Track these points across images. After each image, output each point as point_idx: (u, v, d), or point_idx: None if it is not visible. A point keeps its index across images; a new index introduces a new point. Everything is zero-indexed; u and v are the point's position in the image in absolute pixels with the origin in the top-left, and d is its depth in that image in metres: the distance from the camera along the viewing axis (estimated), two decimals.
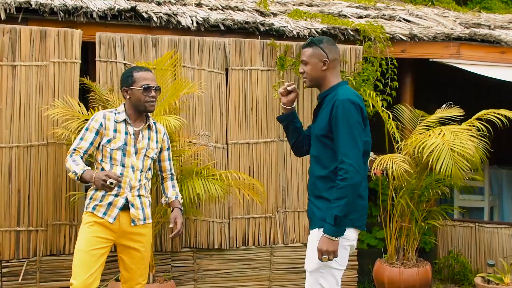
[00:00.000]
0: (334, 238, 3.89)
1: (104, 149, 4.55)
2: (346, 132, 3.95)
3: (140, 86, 4.55)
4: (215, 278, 6.63)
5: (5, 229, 5.92)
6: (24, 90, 5.96)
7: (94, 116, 4.60)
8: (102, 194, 4.50)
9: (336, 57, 4.20)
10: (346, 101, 3.99)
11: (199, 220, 6.49)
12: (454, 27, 8.30)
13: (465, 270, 7.47)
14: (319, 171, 4.12)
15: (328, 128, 4.05)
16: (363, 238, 7.46)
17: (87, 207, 4.56)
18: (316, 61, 4.14)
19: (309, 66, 4.17)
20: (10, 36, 5.91)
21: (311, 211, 4.18)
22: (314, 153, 4.19)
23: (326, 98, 4.16)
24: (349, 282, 6.98)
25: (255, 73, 6.69)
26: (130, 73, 4.63)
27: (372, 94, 6.77)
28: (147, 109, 4.60)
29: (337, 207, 3.87)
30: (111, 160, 4.53)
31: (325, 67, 4.14)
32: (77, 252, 4.49)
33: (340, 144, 3.95)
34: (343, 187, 3.88)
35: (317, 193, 4.12)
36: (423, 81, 8.61)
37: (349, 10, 8.76)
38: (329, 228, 3.89)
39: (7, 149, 5.91)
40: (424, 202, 6.89)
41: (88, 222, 4.53)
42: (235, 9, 7.71)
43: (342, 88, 4.16)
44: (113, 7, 6.43)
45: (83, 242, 4.50)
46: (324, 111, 4.12)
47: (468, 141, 6.24)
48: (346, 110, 3.98)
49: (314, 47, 4.15)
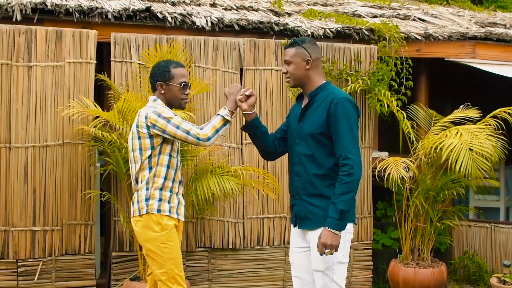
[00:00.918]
0: (337, 232, 3.95)
1: (174, 143, 4.48)
2: (347, 129, 4.04)
3: (180, 83, 4.48)
4: (230, 278, 6.64)
5: (21, 228, 5.95)
6: (40, 90, 5.99)
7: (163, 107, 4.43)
8: (169, 195, 4.44)
9: (318, 57, 4.26)
10: (345, 100, 4.10)
11: (214, 220, 6.50)
12: (470, 26, 8.26)
13: (481, 271, 7.43)
14: (315, 169, 4.14)
15: (325, 126, 4.09)
16: (378, 238, 7.44)
17: (161, 210, 4.41)
18: (299, 60, 4.18)
19: (292, 66, 4.20)
20: (26, 36, 5.94)
21: (308, 211, 4.16)
22: (306, 151, 4.17)
23: (317, 97, 4.19)
24: (364, 283, 6.97)
25: (270, 73, 6.68)
26: (167, 68, 4.51)
27: (387, 94, 6.75)
28: (182, 106, 4.55)
29: (343, 201, 3.95)
30: (177, 154, 4.51)
31: (308, 66, 4.19)
32: (176, 259, 4.42)
33: (343, 141, 4.02)
34: (349, 182, 3.97)
35: (315, 191, 4.14)
36: (438, 80, 8.58)
37: (364, 9, 8.74)
38: (334, 222, 3.95)
39: (23, 149, 5.94)
40: (440, 203, 6.86)
41: (171, 227, 4.43)
42: (250, 9, 7.71)
43: (333, 87, 4.26)
44: (128, 8, 6.45)
45: (178, 248, 4.46)
46: (317, 109, 4.15)
47: (486, 140, 6.22)
48: (346, 108, 4.07)
49: (297, 47, 4.19)
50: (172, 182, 4.47)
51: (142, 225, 4.43)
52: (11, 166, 5.92)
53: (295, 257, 4.35)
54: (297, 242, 4.33)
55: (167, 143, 4.44)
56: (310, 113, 4.19)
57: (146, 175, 4.43)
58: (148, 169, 4.43)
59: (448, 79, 8.79)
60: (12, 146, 5.92)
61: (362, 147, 6.93)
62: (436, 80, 8.42)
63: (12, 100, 5.92)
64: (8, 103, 5.91)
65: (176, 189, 4.50)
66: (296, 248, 4.34)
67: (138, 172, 4.47)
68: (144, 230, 4.42)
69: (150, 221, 4.39)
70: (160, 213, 4.40)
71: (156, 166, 4.42)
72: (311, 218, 4.15)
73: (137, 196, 4.46)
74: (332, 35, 7.02)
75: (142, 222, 4.43)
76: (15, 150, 5.92)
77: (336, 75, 6.79)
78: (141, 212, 4.42)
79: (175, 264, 4.40)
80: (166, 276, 4.38)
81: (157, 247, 4.38)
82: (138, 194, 4.45)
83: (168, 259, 4.37)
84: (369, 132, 7.00)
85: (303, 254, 4.29)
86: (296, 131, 4.25)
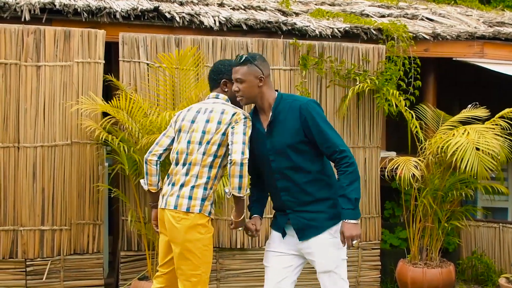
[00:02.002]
0: (357, 222, 3.97)
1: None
2: (328, 127, 4.06)
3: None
4: (238, 277, 6.64)
5: (30, 228, 5.97)
6: (48, 90, 6.01)
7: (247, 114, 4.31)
8: (214, 196, 4.33)
9: (269, 73, 4.22)
10: (311, 102, 4.11)
11: (222, 220, 6.50)
12: (478, 26, 8.25)
13: (489, 271, 7.41)
14: (303, 177, 4.11)
15: (302, 133, 4.06)
16: (386, 238, 7.44)
17: (211, 212, 4.29)
18: (252, 78, 4.10)
19: (245, 84, 4.11)
20: (35, 36, 5.96)
21: (309, 219, 4.12)
22: (287, 164, 4.11)
23: (279, 109, 4.13)
24: (372, 283, 6.97)
25: (278, 73, 6.68)
26: (230, 66, 4.36)
27: (395, 94, 6.75)
28: (240, 103, 4.32)
29: (354, 190, 3.97)
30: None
31: (261, 83, 4.12)
32: (209, 264, 4.31)
33: (329, 138, 4.02)
34: (353, 171, 4.00)
35: (310, 199, 4.11)
36: (447, 80, 8.56)
37: (372, 9, 8.73)
38: (351, 213, 3.96)
39: (31, 149, 5.96)
40: (448, 203, 6.84)
41: (212, 230, 4.31)
42: (257, 9, 7.71)
43: (290, 95, 4.28)
44: (136, 8, 6.47)
45: (212, 253, 4.37)
46: (287, 120, 4.09)
47: (493, 140, 6.20)
48: (316, 109, 4.08)
49: (249, 65, 4.10)
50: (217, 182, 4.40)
51: (188, 223, 4.20)
52: (19, 165, 5.94)
53: (273, 260, 4.29)
54: (278, 246, 4.28)
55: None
56: (280, 126, 4.11)
57: (207, 173, 4.25)
58: (213, 168, 4.26)
59: (457, 78, 8.78)
60: (21, 145, 5.93)
61: (370, 147, 6.93)
62: (445, 79, 8.40)
63: (21, 100, 5.93)
64: (17, 103, 5.93)
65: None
66: (274, 252, 4.29)
67: (200, 165, 4.25)
68: (189, 230, 4.20)
69: (199, 221, 4.21)
70: (210, 216, 4.27)
71: (218, 168, 4.29)
72: (315, 225, 4.12)
73: (189, 191, 4.23)
74: (340, 34, 7.02)
75: (189, 220, 4.20)
76: (24, 149, 5.94)
77: (344, 75, 6.79)
78: (191, 210, 4.20)
79: (209, 269, 4.32)
80: (197, 279, 4.24)
81: (198, 248, 4.21)
82: (193, 191, 4.23)
83: (205, 262, 4.26)
84: (377, 132, 6.99)
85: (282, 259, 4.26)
86: (266, 149, 4.16)
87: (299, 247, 4.21)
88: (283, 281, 4.23)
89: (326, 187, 4.12)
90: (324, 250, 4.12)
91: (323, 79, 6.77)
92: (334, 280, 4.15)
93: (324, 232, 4.09)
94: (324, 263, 4.15)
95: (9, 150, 5.92)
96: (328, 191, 4.12)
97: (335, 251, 4.13)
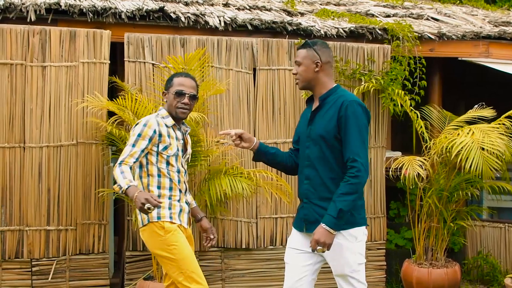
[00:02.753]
0: (333, 231, 3.94)
1: (160, 156, 4.47)
2: (357, 133, 4.02)
3: (173, 91, 4.52)
4: (243, 277, 6.64)
5: (35, 228, 5.98)
6: (54, 90, 6.02)
7: (146, 122, 4.45)
8: (168, 201, 4.47)
9: (329, 60, 4.23)
10: (355, 103, 4.07)
11: (227, 220, 6.50)
12: (483, 26, 8.23)
13: (495, 271, 7.39)
14: (328, 172, 4.13)
15: (336, 129, 4.07)
16: (391, 238, 7.43)
17: (160, 216, 4.42)
18: (309, 62, 4.17)
19: (302, 67, 4.19)
20: (40, 37, 5.98)
21: (319, 215, 4.10)
22: (318, 154, 4.15)
23: (327, 100, 4.17)
24: (377, 283, 6.96)
25: (283, 73, 6.68)
26: (172, 77, 4.63)
27: (400, 93, 6.74)
28: (178, 115, 4.52)
29: (344, 201, 3.93)
30: (168, 165, 4.49)
31: (318, 68, 4.17)
32: (188, 258, 4.41)
33: (351, 144, 4.00)
34: (354, 184, 3.96)
35: (329, 195, 4.09)
36: (453, 80, 8.55)
37: (377, 9, 8.72)
38: (331, 221, 3.93)
39: (37, 149, 5.97)
40: (453, 202, 6.83)
41: (175, 229, 4.43)
42: (263, 9, 7.71)
43: (344, 91, 4.24)
44: (141, 8, 6.47)
45: (188, 247, 4.46)
46: (328, 112, 4.13)
47: (498, 139, 6.18)
48: (356, 111, 4.05)
49: (308, 49, 4.18)
50: (170, 190, 4.50)
51: (147, 234, 4.48)
52: (25, 166, 5.95)
53: (293, 257, 4.31)
54: (298, 244, 4.30)
55: (150, 154, 4.48)
56: (321, 116, 4.17)
57: (141, 184, 4.51)
58: (142, 178, 4.52)
59: (463, 79, 8.76)
60: (27, 146, 5.95)
61: (375, 147, 6.92)
62: (451, 80, 8.39)
63: (27, 100, 5.95)
64: (22, 103, 5.95)
65: (177, 196, 4.53)
66: (294, 249, 4.31)
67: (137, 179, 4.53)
68: (150, 239, 4.46)
69: (153, 228, 4.42)
70: (161, 220, 4.42)
71: (148, 177, 4.49)
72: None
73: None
74: (345, 34, 7.02)
75: (146, 231, 4.47)
76: (30, 150, 5.96)
77: (349, 75, 6.78)
78: (144, 223, 4.48)
79: (189, 263, 4.40)
80: (183, 277, 4.39)
81: (166, 250, 4.39)
82: None
83: (180, 259, 4.38)
84: (382, 132, 6.98)
85: (302, 256, 4.27)
86: (306, 134, 4.23)
87: None
88: (303, 279, 4.26)
89: None
90: (339, 254, 4.11)
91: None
92: (352, 284, 4.16)
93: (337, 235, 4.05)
94: (338, 267, 4.16)
95: (15, 150, 5.94)
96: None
97: (351, 255, 4.11)
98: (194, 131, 5.73)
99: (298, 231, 4.30)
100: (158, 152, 4.46)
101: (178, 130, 4.57)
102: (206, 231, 4.77)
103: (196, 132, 5.79)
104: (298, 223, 4.30)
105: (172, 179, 4.51)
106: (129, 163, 4.35)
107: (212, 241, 4.76)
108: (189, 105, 4.55)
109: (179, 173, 4.55)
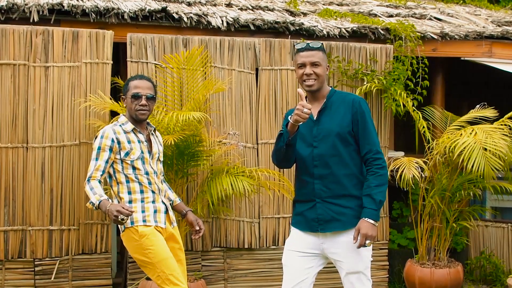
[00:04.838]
0: (376, 223, 4.04)
1: (124, 162, 4.53)
2: (373, 127, 4.21)
3: (130, 95, 4.58)
4: (245, 277, 6.65)
5: (38, 228, 6.00)
6: (57, 90, 6.03)
7: (103, 134, 4.51)
8: (141, 205, 4.53)
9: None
10: (364, 101, 4.25)
11: (230, 220, 6.51)
12: (486, 26, 8.22)
13: (497, 271, 7.39)
14: (343, 169, 4.16)
15: (351, 126, 4.15)
16: (393, 238, 7.43)
17: (134, 222, 4.48)
18: (325, 64, 4.25)
19: (321, 68, 4.20)
20: (43, 37, 5.99)
21: (336, 213, 4.13)
22: (331, 152, 4.15)
23: (332, 99, 4.24)
24: (379, 283, 6.96)
25: (285, 73, 6.68)
26: (128, 81, 4.68)
27: (402, 94, 6.74)
28: (138, 117, 4.57)
29: (380, 192, 4.06)
30: (134, 170, 4.53)
31: (327, 71, 4.29)
32: (164, 261, 4.45)
33: (371, 137, 4.16)
34: (383, 175, 4.11)
35: (344, 192, 4.15)
36: (455, 80, 8.54)
37: (380, 9, 8.72)
38: (373, 213, 4.03)
39: (40, 149, 5.99)
40: (456, 202, 6.83)
41: (149, 233, 4.48)
42: (265, 9, 7.72)
43: (341, 91, 4.43)
44: (144, 8, 6.48)
45: (164, 249, 4.49)
46: (338, 110, 4.19)
47: (500, 140, 6.18)
48: (367, 107, 4.23)
49: (323, 52, 4.25)
50: (141, 193, 4.55)
51: (125, 239, 4.57)
52: (28, 166, 5.97)
53: (294, 260, 4.30)
54: (299, 246, 4.29)
55: (115, 162, 4.54)
56: (330, 115, 4.19)
57: (113, 194, 4.60)
58: (113, 187, 4.60)
59: (466, 79, 8.76)
60: (30, 146, 5.97)
61: None
62: (453, 80, 8.39)
63: (30, 101, 5.97)
64: (25, 104, 5.96)
65: (150, 198, 4.57)
66: (295, 252, 4.30)
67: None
68: (128, 244, 4.55)
69: (129, 233, 4.50)
70: (135, 224, 4.48)
71: (117, 185, 4.57)
72: (341, 219, 4.13)
73: None
74: (348, 34, 7.02)
75: (125, 237, 4.56)
76: (33, 150, 5.97)
77: (351, 75, 6.79)
78: (122, 229, 4.56)
79: (165, 266, 4.45)
80: (160, 280, 4.46)
81: (142, 254, 4.47)
82: None
83: (156, 262, 4.44)
84: (384, 132, 6.98)
85: (304, 259, 4.27)
86: (312, 134, 4.21)
87: (323, 247, 4.22)
88: (303, 282, 4.25)
89: (360, 186, 4.16)
90: (354, 251, 4.12)
91: (331, 79, 6.77)
92: (362, 280, 4.19)
93: (350, 230, 4.11)
94: (353, 264, 4.17)
95: (18, 151, 5.95)
96: (361, 190, 4.15)
97: (365, 252, 4.16)
98: (197, 131, 5.74)
99: (304, 233, 4.27)
100: (121, 159, 4.52)
101: (139, 133, 4.61)
102: (192, 224, 4.81)
103: (199, 132, 5.80)
104: (307, 224, 4.24)
105: (141, 182, 4.56)
106: (97, 177, 4.43)
107: (199, 232, 4.79)
108: (147, 106, 4.59)
109: (148, 175, 4.58)
